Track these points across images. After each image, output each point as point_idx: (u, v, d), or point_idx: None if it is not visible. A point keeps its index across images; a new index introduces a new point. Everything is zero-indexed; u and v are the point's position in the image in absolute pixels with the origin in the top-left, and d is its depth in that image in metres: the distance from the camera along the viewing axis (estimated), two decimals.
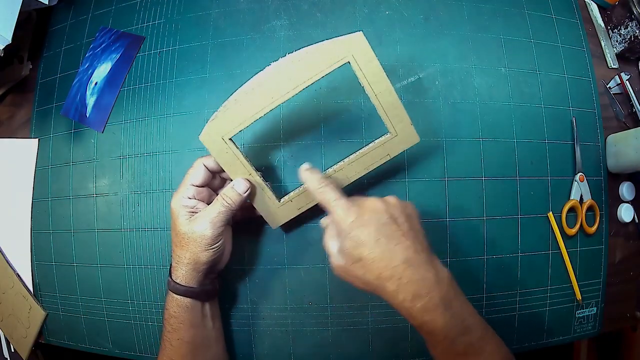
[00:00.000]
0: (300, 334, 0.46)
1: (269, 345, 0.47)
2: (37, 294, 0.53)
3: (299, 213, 0.42)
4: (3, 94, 0.57)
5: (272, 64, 0.35)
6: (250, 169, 0.39)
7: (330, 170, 0.40)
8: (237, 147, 0.38)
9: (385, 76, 0.36)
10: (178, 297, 0.38)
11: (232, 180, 0.39)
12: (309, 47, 0.34)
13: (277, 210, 0.41)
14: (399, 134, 0.39)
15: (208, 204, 0.38)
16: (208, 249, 0.37)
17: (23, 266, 0.54)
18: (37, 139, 0.54)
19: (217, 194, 0.38)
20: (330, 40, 0.34)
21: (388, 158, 0.40)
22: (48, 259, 0.53)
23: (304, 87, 0.36)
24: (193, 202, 0.38)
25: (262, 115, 0.36)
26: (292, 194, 0.41)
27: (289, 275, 0.46)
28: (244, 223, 0.45)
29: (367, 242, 0.32)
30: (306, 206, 0.42)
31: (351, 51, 0.35)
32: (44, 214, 0.53)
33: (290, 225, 0.46)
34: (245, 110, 0.36)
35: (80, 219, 0.51)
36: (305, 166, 0.37)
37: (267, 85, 0.35)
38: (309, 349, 0.46)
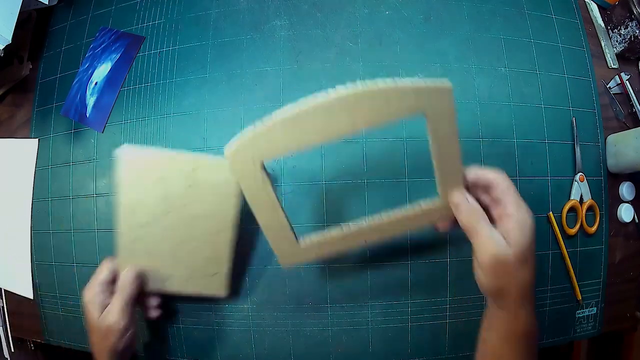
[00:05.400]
0: (300, 334, 0.46)
1: (269, 345, 0.47)
2: (37, 294, 0.53)
3: (315, 259, 0.38)
4: (3, 94, 0.57)
5: (336, 88, 0.29)
6: (275, 201, 0.34)
7: (364, 224, 0.36)
8: (268, 175, 0.33)
9: (458, 140, 0.32)
10: None
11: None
12: (384, 81, 0.29)
13: (294, 252, 0.38)
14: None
15: None
16: (124, 336, 0.40)
17: (23, 266, 0.54)
18: (37, 139, 0.54)
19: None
20: (410, 80, 0.29)
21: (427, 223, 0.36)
22: (48, 259, 0.53)
23: (360, 130, 0.30)
24: (103, 296, 0.40)
25: (305, 149, 0.31)
26: (314, 238, 0.37)
27: (289, 275, 0.46)
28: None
29: (533, 251, 0.32)
30: (323, 253, 0.38)
31: (432, 102, 0.29)
32: (44, 214, 0.53)
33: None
34: (291, 136, 0.30)
35: (80, 219, 0.51)
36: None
37: (323, 115, 0.29)
38: (309, 349, 0.46)
